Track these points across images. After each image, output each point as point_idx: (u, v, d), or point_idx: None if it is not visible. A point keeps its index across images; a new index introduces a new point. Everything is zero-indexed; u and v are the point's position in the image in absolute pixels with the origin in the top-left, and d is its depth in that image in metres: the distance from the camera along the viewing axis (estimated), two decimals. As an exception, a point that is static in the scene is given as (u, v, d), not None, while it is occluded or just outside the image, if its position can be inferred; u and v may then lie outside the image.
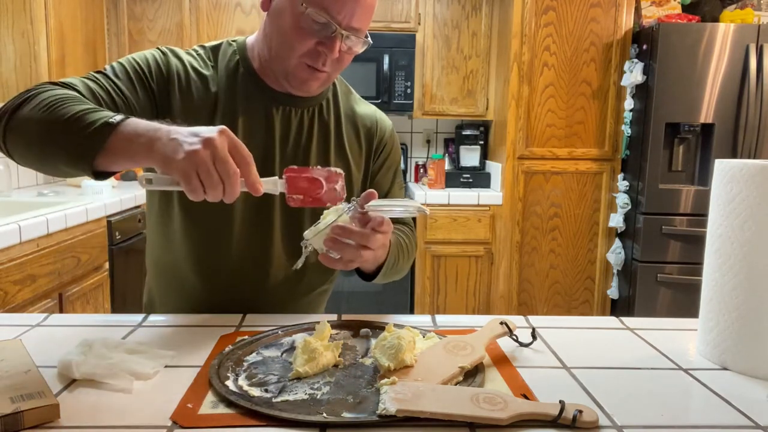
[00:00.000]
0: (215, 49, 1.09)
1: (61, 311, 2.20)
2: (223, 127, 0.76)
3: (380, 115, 1.20)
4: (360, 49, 1.01)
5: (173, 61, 1.04)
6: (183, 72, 1.03)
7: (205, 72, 1.05)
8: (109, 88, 0.96)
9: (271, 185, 0.83)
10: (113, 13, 3.30)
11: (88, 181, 2.79)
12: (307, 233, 0.90)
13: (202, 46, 1.10)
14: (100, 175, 0.82)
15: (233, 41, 1.10)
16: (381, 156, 1.18)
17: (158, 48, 1.06)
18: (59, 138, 0.81)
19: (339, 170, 0.86)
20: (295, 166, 0.86)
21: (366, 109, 1.19)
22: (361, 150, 1.16)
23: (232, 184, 0.75)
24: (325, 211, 0.91)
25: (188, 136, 0.75)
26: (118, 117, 0.80)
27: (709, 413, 0.70)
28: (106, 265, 2.59)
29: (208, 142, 0.74)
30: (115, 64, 1.01)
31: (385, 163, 1.19)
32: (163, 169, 0.76)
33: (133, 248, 2.83)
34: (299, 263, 0.93)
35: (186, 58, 1.05)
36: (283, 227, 1.09)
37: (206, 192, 0.75)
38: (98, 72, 0.98)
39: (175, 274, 1.11)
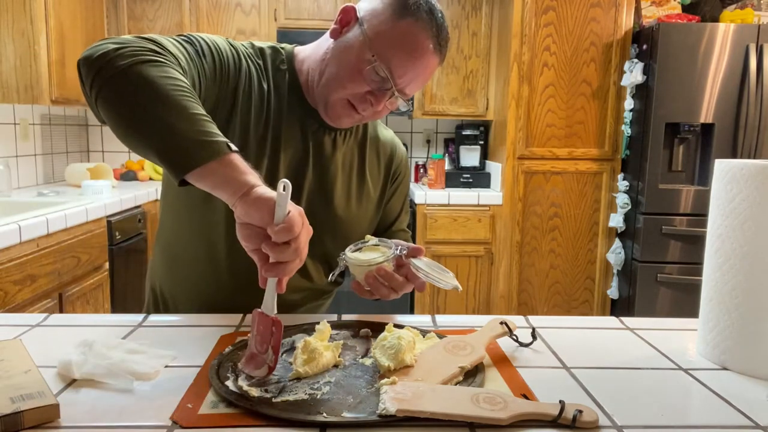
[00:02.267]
0: (263, 55, 1.07)
1: (61, 311, 2.20)
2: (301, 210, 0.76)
3: (397, 140, 1.25)
4: (401, 108, 1.07)
5: (244, 65, 1.02)
6: (255, 78, 1.03)
7: (264, 84, 1.04)
8: (195, 67, 0.92)
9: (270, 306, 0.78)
10: (113, 13, 3.30)
11: (87, 182, 2.79)
12: (349, 253, 0.97)
13: (257, 51, 1.07)
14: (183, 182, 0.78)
15: (282, 48, 1.09)
16: (396, 181, 1.22)
17: (233, 47, 1.02)
18: (176, 126, 0.76)
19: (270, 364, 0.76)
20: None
21: (386, 133, 1.23)
22: (380, 173, 1.19)
23: (293, 266, 0.75)
24: (369, 244, 0.99)
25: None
26: (233, 146, 0.78)
27: (709, 413, 0.70)
28: (106, 265, 2.59)
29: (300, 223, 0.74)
30: (203, 42, 0.96)
31: (398, 188, 1.23)
32: (243, 208, 0.74)
33: (133, 248, 2.83)
34: (333, 275, 1.02)
35: (252, 65, 1.04)
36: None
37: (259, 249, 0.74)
38: (188, 42, 0.94)
39: (192, 266, 1.09)
